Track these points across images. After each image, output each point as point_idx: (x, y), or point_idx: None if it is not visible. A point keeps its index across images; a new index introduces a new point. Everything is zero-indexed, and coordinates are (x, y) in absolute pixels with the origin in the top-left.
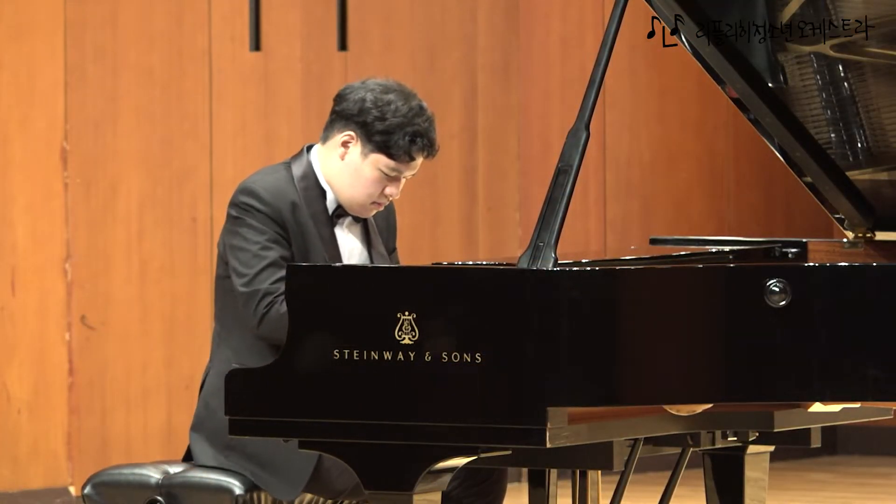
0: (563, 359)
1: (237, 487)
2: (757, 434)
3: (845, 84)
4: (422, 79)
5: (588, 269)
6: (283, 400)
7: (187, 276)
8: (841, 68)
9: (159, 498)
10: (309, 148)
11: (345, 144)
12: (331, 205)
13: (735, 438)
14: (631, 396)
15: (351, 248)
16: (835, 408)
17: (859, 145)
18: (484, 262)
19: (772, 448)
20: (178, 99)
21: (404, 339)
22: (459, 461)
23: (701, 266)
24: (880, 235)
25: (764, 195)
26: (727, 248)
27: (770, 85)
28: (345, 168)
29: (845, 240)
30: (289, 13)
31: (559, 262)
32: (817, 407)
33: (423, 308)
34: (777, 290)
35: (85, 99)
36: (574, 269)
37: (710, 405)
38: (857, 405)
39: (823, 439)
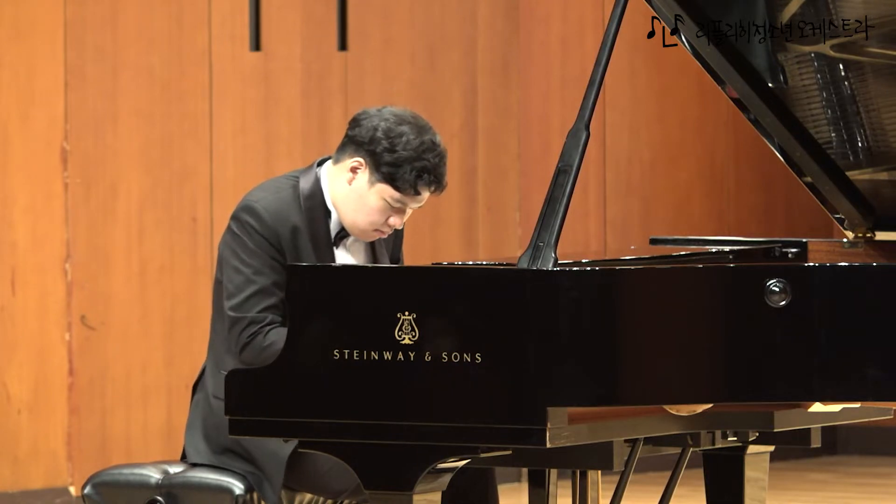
0: (564, 359)
1: (237, 487)
2: (757, 434)
3: (845, 84)
4: (422, 79)
5: (588, 269)
6: (283, 400)
7: (187, 276)
8: (841, 68)
9: (159, 498)
10: (321, 162)
11: (353, 170)
12: (335, 226)
13: (735, 438)
14: (631, 396)
15: None
16: (835, 408)
17: (859, 145)
18: (484, 262)
19: (772, 448)
20: (178, 99)
21: (404, 339)
22: (459, 461)
23: (701, 266)
24: (880, 235)
25: (764, 195)
26: (727, 248)
27: (770, 85)
28: (351, 193)
29: (845, 240)
30: (289, 13)
31: (559, 262)
32: (817, 407)
33: (423, 308)
34: (777, 290)
35: (85, 99)
36: (574, 269)
37: (710, 405)
38: (857, 405)
39: (823, 439)
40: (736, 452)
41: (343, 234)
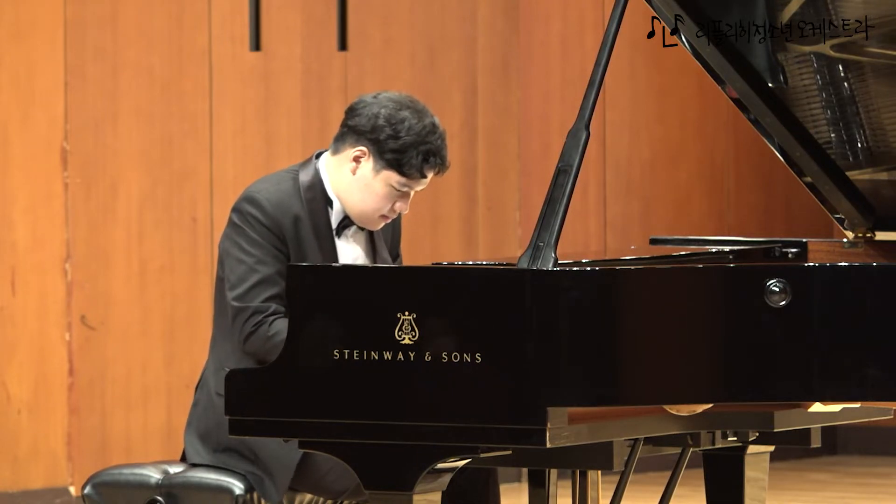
0: (563, 359)
1: (237, 487)
2: (757, 434)
3: (845, 84)
4: (422, 79)
5: (588, 269)
6: (283, 400)
7: (187, 276)
8: (841, 68)
9: (159, 498)
10: (318, 154)
11: (356, 159)
12: (336, 216)
13: (735, 438)
14: (631, 396)
15: (354, 259)
16: (835, 408)
17: (859, 145)
18: (484, 262)
19: (772, 448)
20: (178, 99)
21: (404, 339)
22: (459, 461)
23: (701, 266)
24: (880, 235)
25: (764, 195)
26: (727, 248)
27: (770, 85)
28: (355, 182)
29: (845, 240)
30: (289, 13)
31: (559, 262)
32: (817, 407)
33: (423, 308)
34: (777, 290)
35: (85, 99)
36: (574, 269)
37: (710, 405)
38: (857, 405)
39: (823, 439)
40: (736, 452)
41: (344, 224)
